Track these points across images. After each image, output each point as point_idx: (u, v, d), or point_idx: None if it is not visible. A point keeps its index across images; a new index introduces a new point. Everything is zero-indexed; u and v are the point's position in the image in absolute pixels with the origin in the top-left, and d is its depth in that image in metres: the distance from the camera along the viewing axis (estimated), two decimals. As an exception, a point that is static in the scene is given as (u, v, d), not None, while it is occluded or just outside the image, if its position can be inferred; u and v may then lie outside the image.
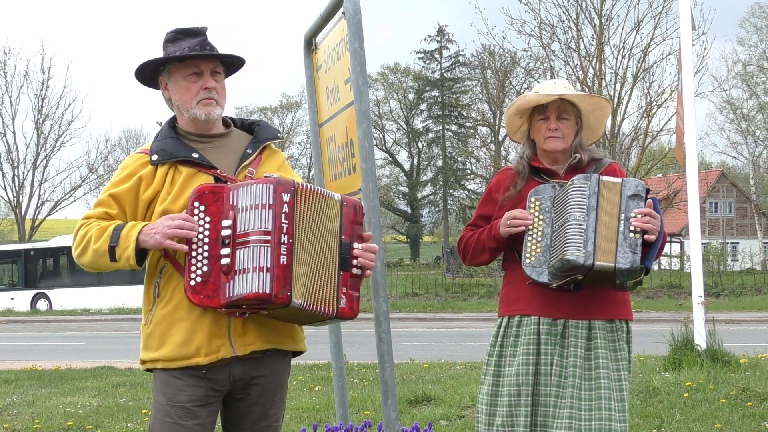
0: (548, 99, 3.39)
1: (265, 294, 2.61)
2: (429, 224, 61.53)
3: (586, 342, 3.31)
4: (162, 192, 2.83)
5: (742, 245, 43.98)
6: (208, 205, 2.72)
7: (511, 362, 3.37)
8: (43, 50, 65.26)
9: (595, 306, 3.32)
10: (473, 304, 26.34)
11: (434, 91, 57.58)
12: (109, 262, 2.77)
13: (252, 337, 2.81)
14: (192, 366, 2.78)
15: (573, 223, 3.17)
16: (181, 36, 2.90)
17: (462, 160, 55.74)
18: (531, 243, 3.29)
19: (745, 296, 26.10)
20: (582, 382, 3.28)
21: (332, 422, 5.79)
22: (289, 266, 2.66)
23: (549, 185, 3.36)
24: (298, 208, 2.71)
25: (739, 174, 51.82)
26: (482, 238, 3.47)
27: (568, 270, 3.17)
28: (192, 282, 2.69)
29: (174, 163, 2.85)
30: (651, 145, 27.62)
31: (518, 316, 3.39)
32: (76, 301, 30.20)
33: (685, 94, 8.37)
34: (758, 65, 44.58)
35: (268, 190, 2.68)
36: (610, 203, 3.20)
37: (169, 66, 2.90)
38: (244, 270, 2.64)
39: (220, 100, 2.91)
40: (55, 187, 44.02)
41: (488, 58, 38.44)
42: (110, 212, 2.83)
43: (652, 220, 3.18)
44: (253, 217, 2.66)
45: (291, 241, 2.67)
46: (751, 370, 7.27)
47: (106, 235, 2.75)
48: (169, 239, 2.68)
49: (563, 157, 3.45)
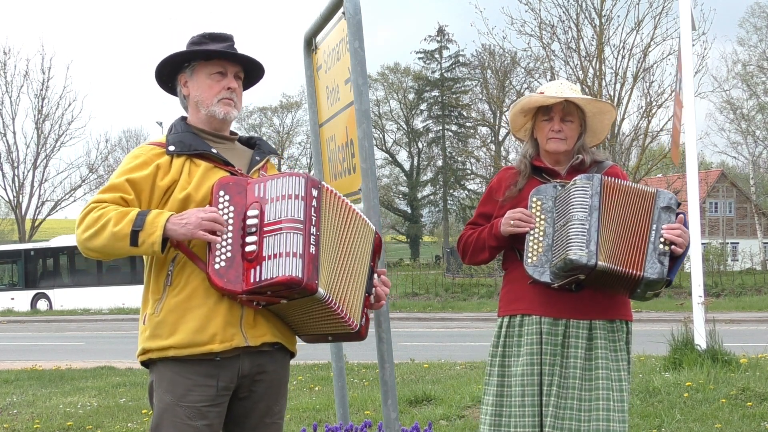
0: (554, 101, 3.38)
1: (297, 278, 2.62)
2: (429, 224, 61.55)
3: (587, 342, 3.31)
4: (180, 181, 2.83)
5: (742, 245, 43.99)
6: (232, 195, 2.76)
7: (516, 363, 3.36)
8: (43, 50, 65.38)
9: (596, 306, 3.32)
10: (473, 304, 26.35)
11: (434, 91, 57.59)
12: (128, 247, 2.69)
13: (263, 329, 2.82)
14: (205, 354, 2.75)
15: (575, 223, 3.17)
16: (207, 40, 2.94)
17: (462, 160, 55.76)
18: (533, 243, 3.28)
19: (745, 296, 26.12)
20: (582, 382, 3.29)
21: (332, 422, 5.80)
22: (317, 257, 2.69)
23: (550, 185, 3.36)
24: (324, 207, 2.78)
25: (739, 174, 51.82)
26: (482, 237, 3.46)
27: (570, 270, 3.17)
28: (216, 266, 2.68)
29: (190, 156, 2.87)
30: (651, 145, 27.61)
31: (520, 316, 3.38)
32: (76, 301, 30.21)
33: (685, 94, 8.38)
34: (758, 65, 44.58)
35: (299, 182, 2.74)
36: (618, 205, 3.21)
37: (194, 63, 2.94)
38: (274, 255, 2.64)
39: (238, 104, 2.97)
40: (55, 187, 44.10)
41: (488, 58, 38.44)
42: (126, 197, 2.78)
43: (683, 234, 3.20)
44: (283, 207, 2.70)
45: (318, 234, 2.72)
46: (751, 370, 7.27)
47: (129, 219, 2.69)
48: (202, 230, 2.68)
49: (565, 158, 3.45)
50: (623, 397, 3.31)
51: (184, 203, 2.79)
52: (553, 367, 3.30)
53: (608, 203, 3.20)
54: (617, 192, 3.23)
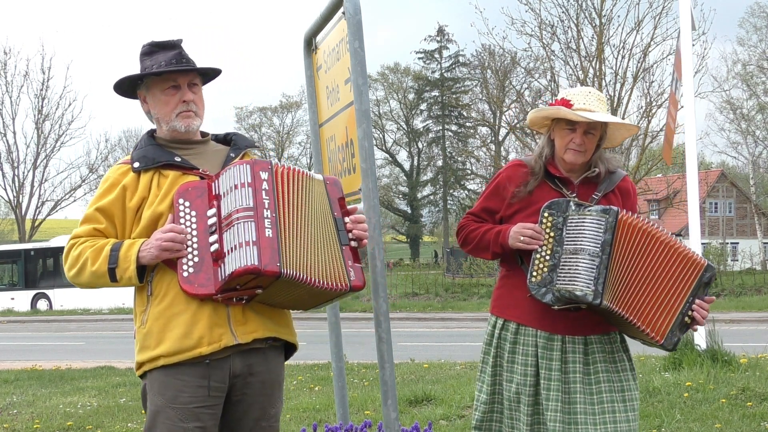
0: (585, 120, 3.24)
1: (253, 267, 2.63)
2: (429, 224, 61.55)
3: (583, 357, 3.27)
4: (149, 197, 2.85)
5: (742, 245, 43.99)
6: (192, 200, 2.78)
7: (510, 369, 3.34)
8: (43, 50, 65.63)
9: (591, 321, 3.26)
10: (473, 304, 26.34)
11: (434, 91, 57.61)
12: (109, 283, 2.80)
13: (253, 325, 2.82)
14: (195, 358, 2.76)
15: (586, 257, 3.10)
16: (156, 49, 2.93)
17: (462, 160, 55.78)
18: (539, 260, 3.19)
19: (745, 296, 26.13)
20: (585, 396, 3.24)
21: (332, 422, 5.80)
22: (275, 239, 2.68)
23: (565, 200, 3.24)
24: (279, 186, 2.77)
25: (739, 174, 51.80)
26: (487, 238, 3.36)
27: (574, 302, 3.12)
28: (185, 273, 2.72)
29: (158, 169, 2.88)
30: (651, 145, 27.56)
31: (515, 324, 3.34)
32: (76, 301, 30.20)
33: (685, 94, 8.39)
34: (758, 65, 44.58)
35: (245, 169, 2.76)
36: (640, 250, 3.13)
37: (146, 80, 2.94)
38: (233, 248, 2.67)
39: (199, 111, 2.96)
40: (55, 187, 44.13)
41: (488, 58, 38.41)
42: (98, 227, 2.85)
43: (705, 314, 3.19)
44: (234, 198, 2.73)
45: (274, 215, 2.71)
46: (751, 370, 7.28)
47: (104, 256, 2.77)
48: (163, 250, 2.73)
49: (581, 168, 3.35)
50: (627, 407, 3.26)
51: (154, 219, 2.82)
52: (550, 382, 3.25)
53: (625, 241, 3.13)
54: (637, 231, 3.14)
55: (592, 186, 3.33)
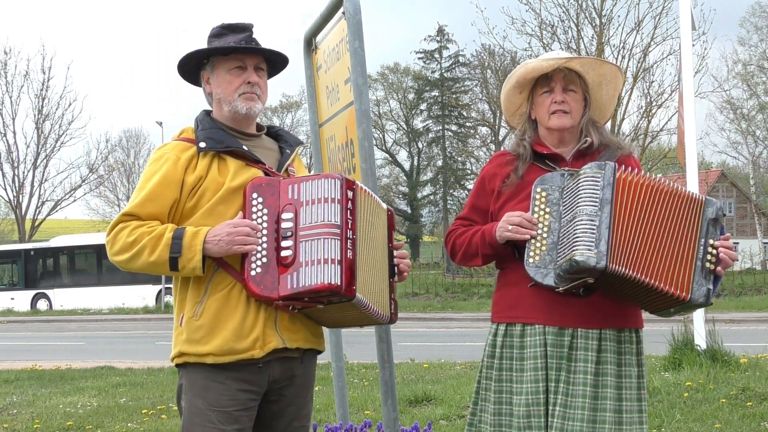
0: (553, 65, 2.96)
1: (335, 285, 2.58)
2: (429, 224, 61.52)
3: (596, 355, 2.88)
4: (206, 179, 2.75)
5: (742, 245, 43.95)
6: (265, 197, 2.71)
7: (519, 379, 2.93)
8: (43, 50, 65.67)
9: (607, 313, 2.89)
10: (473, 304, 26.35)
11: (434, 91, 57.60)
12: (168, 272, 2.69)
13: (300, 333, 2.80)
14: (245, 360, 2.70)
15: (583, 218, 2.73)
16: (226, 31, 2.88)
17: (462, 160, 55.76)
18: (535, 240, 2.85)
19: (745, 296, 26.12)
20: (587, 401, 2.86)
21: (332, 422, 5.79)
22: (354, 261, 2.65)
23: (558, 173, 2.92)
24: (358, 208, 2.73)
25: (739, 174, 51.81)
26: (474, 242, 3.03)
27: (577, 272, 2.72)
28: (253, 272, 2.64)
29: (218, 153, 2.79)
30: (651, 145, 27.59)
31: (520, 325, 2.94)
32: (76, 301, 30.22)
33: (685, 94, 8.37)
34: (758, 65, 44.54)
35: (335, 185, 2.67)
36: (642, 202, 2.78)
37: (213, 59, 2.88)
38: (311, 262, 2.60)
39: (262, 96, 2.89)
40: (55, 187, 44.10)
41: (488, 58, 38.41)
42: (153, 211, 2.72)
43: (732, 254, 2.80)
44: (319, 211, 2.65)
45: (354, 237, 2.68)
46: (751, 370, 7.28)
47: (164, 244, 2.65)
48: (236, 245, 2.64)
49: (570, 138, 3.03)
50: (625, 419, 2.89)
51: (220, 200, 2.73)
52: (558, 384, 2.87)
53: (626, 197, 2.76)
54: (638, 187, 2.79)
55: (587, 160, 2.95)
